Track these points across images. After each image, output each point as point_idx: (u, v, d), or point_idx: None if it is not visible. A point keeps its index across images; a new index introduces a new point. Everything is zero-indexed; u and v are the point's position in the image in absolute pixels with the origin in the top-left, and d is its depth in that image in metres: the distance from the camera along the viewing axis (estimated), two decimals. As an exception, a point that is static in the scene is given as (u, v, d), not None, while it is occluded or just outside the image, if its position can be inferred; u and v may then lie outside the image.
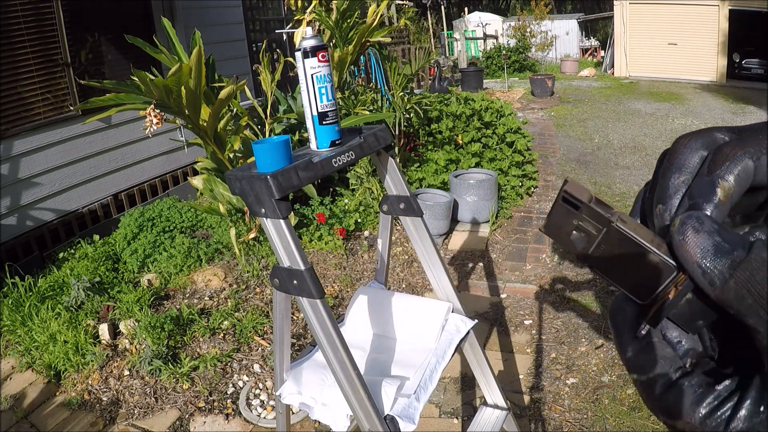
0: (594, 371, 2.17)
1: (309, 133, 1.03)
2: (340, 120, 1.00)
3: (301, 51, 1.00)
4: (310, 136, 1.03)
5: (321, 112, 1.01)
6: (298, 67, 1.02)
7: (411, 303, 1.24)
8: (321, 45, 1.01)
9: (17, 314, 2.62)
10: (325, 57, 1.01)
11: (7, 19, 3.19)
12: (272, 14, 6.14)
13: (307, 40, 1.00)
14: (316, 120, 1.02)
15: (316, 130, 1.02)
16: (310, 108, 1.01)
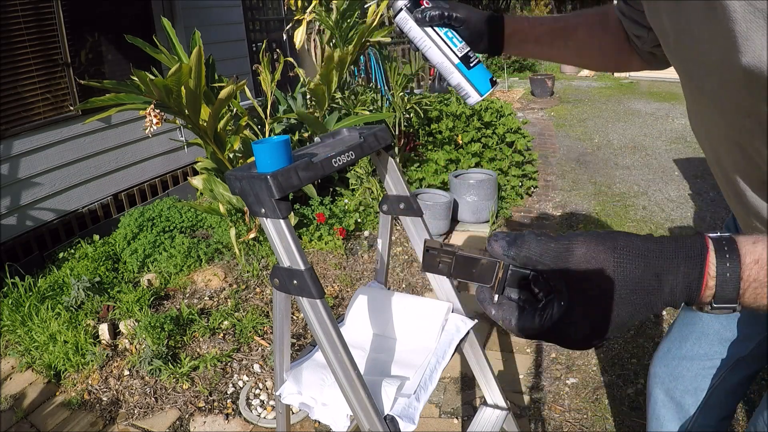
0: (594, 371, 2.17)
1: (460, 87, 0.92)
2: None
3: (403, 8, 0.89)
4: (464, 89, 0.92)
5: (462, 55, 0.91)
6: (405, 27, 0.91)
7: (411, 303, 1.24)
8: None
9: (17, 314, 2.62)
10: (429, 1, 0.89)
11: (7, 19, 3.19)
12: (272, 14, 6.14)
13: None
14: (462, 67, 0.91)
15: (469, 76, 0.92)
16: (448, 58, 0.91)
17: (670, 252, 0.47)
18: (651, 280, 0.47)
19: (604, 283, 0.47)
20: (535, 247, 0.49)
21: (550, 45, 0.93)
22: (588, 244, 0.48)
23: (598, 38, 0.93)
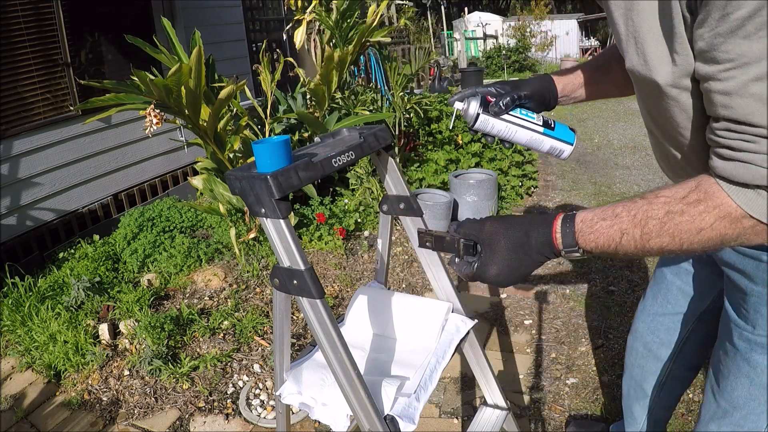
0: (594, 371, 2.17)
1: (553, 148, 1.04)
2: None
3: (480, 112, 1.02)
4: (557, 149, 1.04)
5: (542, 123, 1.03)
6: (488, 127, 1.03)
7: (411, 303, 1.24)
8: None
9: (17, 314, 2.62)
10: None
11: (7, 19, 3.19)
12: (272, 14, 6.15)
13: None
14: (548, 132, 1.03)
15: (557, 135, 1.03)
16: (534, 131, 1.02)
17: (536, 222, 0.77)
18: (523, 236, 0.77)
19: (499, 242, 0.78)
20: (468, 226, 0.82)
21: (594, 86, 1.09)
22: (491, 221, 0.81)
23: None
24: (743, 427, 1.02)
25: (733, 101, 0.62)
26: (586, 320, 2.52)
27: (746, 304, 0.94)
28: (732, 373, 1.00)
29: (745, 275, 0.92)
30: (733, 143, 0.64)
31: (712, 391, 1.07)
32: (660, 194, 0.69)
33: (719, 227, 0.66)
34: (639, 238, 0.69)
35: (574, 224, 0.73)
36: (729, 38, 0.58)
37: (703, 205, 0.66)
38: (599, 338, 2.37)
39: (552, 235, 0.75)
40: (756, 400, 0.98)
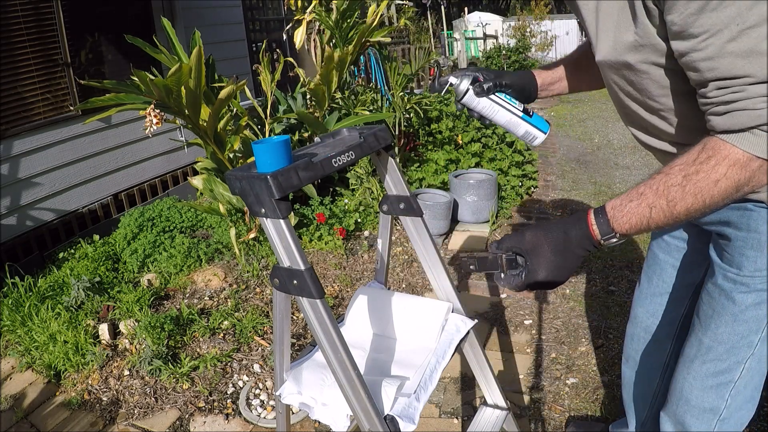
0: (594, 371, 2.17)
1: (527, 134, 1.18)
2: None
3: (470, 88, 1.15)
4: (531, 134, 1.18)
5: (522, 109, 1.17)
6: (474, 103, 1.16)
7: (411, 303, 1.24)
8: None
9: (17, 314, 2.62)
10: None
11: (7, 19, 3.19)
12: (272, 14, 6.15)
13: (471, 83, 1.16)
14: (526, 117, 1.17)
15: (533, 122, 1.17)
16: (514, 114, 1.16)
17: (571, 221, 0.86)
18: (563, 236, 0.86)
19: (542, 246, 0.86)
20: (509, 240, 0.90)
21: (572, 79, 1.22)
22: (531, 230, 0.88)
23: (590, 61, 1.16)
24: (725, 361, 1.09)
25: (716, 63, 0.73)
26: (586, 320, 2.52)
27: (730, 248, 1.02)
28: (716, 311, 1.07)
29: (730, 224, 1.01)
30: (725, 98, 0.74)
31: (696, 330, 1.14)
32: (674, 165, 0.78)
33: (732, 174, 0.75)
34: (666, 207, 0.78)
35: (606, 213, 0.83)
36: (699, 15, 0.71)
37: (714, 160, 0.75)
38: (599, 338, 2.37)
39: (589, 228, 0.84)
40: (739, 335, 1.06)
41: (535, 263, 0.86)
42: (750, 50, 0.70)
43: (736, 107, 0.74)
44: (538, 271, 0.86)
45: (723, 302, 1.06)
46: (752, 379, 1.12)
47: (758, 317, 1.04)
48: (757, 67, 0.71)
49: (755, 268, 0.99)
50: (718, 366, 1.12)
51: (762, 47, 0.70)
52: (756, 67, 0.71)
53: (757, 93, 0.72)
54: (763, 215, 0.95)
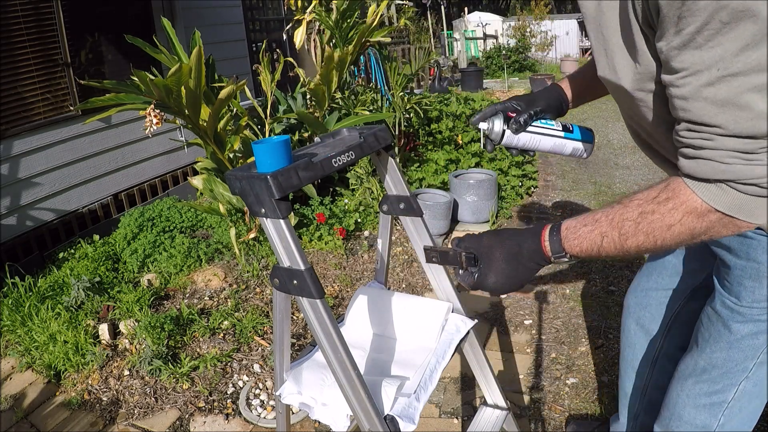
0: (594, 371, 2.17)
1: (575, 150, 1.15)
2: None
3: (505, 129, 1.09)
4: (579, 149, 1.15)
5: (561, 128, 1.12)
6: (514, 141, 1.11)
7: (411, 303, 1.24)
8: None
9: (17, 314, 2.62)
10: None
11: (7, 19, 3.19)
12: (272, 14, 6.15)
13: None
14: (568, 135, 1.13)
15: (576, 137, 1.13)
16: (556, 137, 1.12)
17: (527, 234, 0.87)
18: (516, 247, 0.87)
19: (495, 253, 0.88)
20: (468, 240, 0.92)
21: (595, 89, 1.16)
22: (488, 235, 0.90)
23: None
24: (719, 383, 1.09)
25: (689, 104, 0.69)
26: (586, 320, 2.52)
27: (730, 276, 1.00)
28: (713, 336, 1.06)
29: (730, 251, 0.98)
30: (693, 142, 0.71)
31: (692, 350, 1.13)
32: (634, 198, 0.77)
33: (687, 222, 0.73)
34: (617, 240, 0.77)
35: (560, 232, 0.83)
36: (683, 50, 0.66)
37: (671, 203, 0.73)
38: (599, 338, 2.37)
39: (541, 244, 0.84)
40: (734, 361, 1.05)
41: (487, 267, 0.88)
42: (726, 100, 0.66)
43: (703, 155, 0.71)
44: (489, 275, 0.88)
45: (720, 329, 1.05)
46: (749, 402, 1.11)
47: (755, 346, 1.02)
48: (731, 120, 0.66)
49: (753, 299, 0.97)
50: (711, 387, 1.11)
51: (741, 99, 0.65)
52: (729, 119, 0.66)
53: (726, 146, 0.68)
54: (763, 244, 0.92)
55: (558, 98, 1.14)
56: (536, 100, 1.12)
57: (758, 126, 0.65)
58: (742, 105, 0.65)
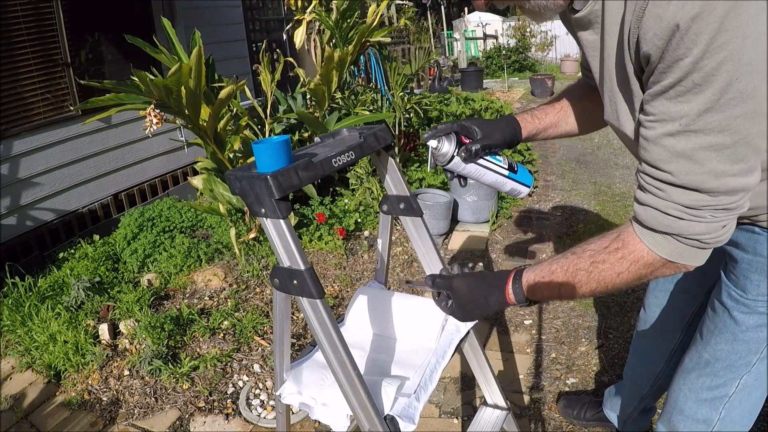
0: (594, 371, 2.17)
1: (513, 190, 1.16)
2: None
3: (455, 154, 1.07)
4: (516, 190, 1.16)
5: (507, 166, 1.13)
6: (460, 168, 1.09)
7: (411, 303, 1.24)
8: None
9: (17, 314, 2.62)
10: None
11: (7, 19, 3.19)
12: (272, 14, 6.15)
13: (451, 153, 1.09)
14: (511, 175, 1.14)
15: (517, 178, 1.14)
16: (500, 174, 1.13)
17: (492, 285, 0.94)
18: (482, 299, 0.95)
19: (463, 299, 0.97)
20: (440, 283, 1.00)
21: (556, 128, 1.18)
22: (458, 280, 0.98)
23: (590, 105, 1.16)
24: (722, 377, 1.11)
25: (650, 146, 0.75)
26: (586, 320, 2.52)
27: (736, 270, 1.03)
28: (718, 328, 1.09)
29: (738, 246, 1.02)
30: (646, 185, 0.78)
31: (696, 344, 1.16)
32: (587, 248, 0.85)
33: (634, 269, 0.80)
34: (573, 288, 0.85)
35: (521, 284, 0.91)
36: (656, 98, 0.72)
37: (620, 253, 0.81)
38: (599, 338, 2.37)
39: (506, 297, 0.92)
40: (737, 354, 1.08)
41: (457, 307, 0.98)
42: (682, 152, 0.71)
43: (651, 204, 0.77)
44: (458, 313, 0.99)
45: (725, 320, 1.07)
46: (749, 396, 1.13)
47: (758, 339, 1.05)
48: (682, 170, 0.72)
49: (758, 292, 1.00)
50: (714, 381, 1.13)
51: (695, 155, 0.70)
52: (680, 169, 0.72)
53: (673, 197, 0.74)
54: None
55: (513, 133, 1.13)
56: (492, 131, 1.09)
57: (705, 181, 0.71)
58: (695, 159, 0.71)
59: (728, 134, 0.68)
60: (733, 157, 0.70)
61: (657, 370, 1.50)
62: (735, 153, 0.70)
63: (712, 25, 0.62)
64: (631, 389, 1.61)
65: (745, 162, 0.71)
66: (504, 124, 1.12)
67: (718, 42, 0.63)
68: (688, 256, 0.78)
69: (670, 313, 1.40)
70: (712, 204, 0.73)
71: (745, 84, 0.65)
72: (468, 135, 1.08)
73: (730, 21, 0.62)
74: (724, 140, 0.69)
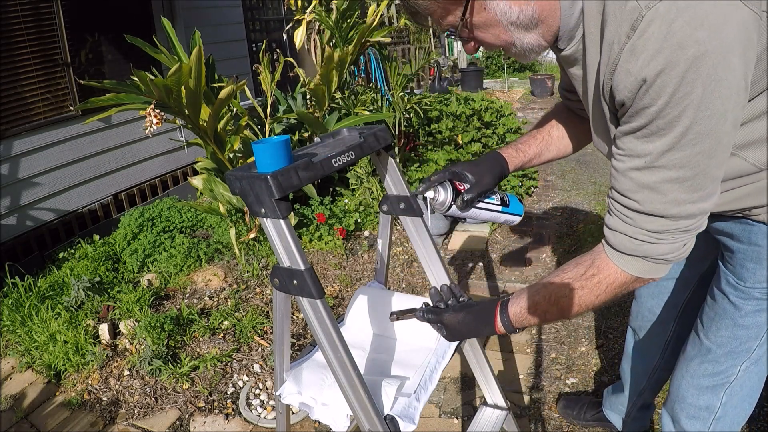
0: (594, 371, 2.17)
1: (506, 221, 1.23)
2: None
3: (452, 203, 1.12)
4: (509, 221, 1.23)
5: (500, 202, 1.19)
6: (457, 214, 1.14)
7: (411, 303, 1.24)
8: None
9: (17, 314, 2.62)
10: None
11: (7, 19, 3.19)
12: (272, 14, 6.15)
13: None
14: (504, 209, 1.20)
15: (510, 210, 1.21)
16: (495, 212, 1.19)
17: (480, 321, 1.01)
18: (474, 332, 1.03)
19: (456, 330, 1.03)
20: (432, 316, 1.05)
21: (539, 157, 1.25)
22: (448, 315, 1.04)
23: (571, 127, 1.23)
24: (723, 364, 1.16)
25: (619, 177, 0.83)
26: (586, 320, 2.52)
27: (733, 260, 1.08)
28: (718, 314, 1.14)
29: (733, 237, 1.07)
30: (615, 211, 0.86)
31: (697, 332, 1.20)
32: (566, 277, 0.93)
33: (611, 290, 0.91)
34: (557, 312, 0.94)
35: (509, 315, 0.98)
36: (626, 136, 0.80)
37: (597, 278, 0.90)
38: (599, 338, 2.37)
39: (495, 328, 1.00)
40: (738, 340, 1.12)
41: (449, 336, 1.05)
42: (646, 184, 0.80)
43: (620, 230, 0.85)
44: (449, 336, 1.05)
45: (725, 306, 1.11)
46: (749, 380, 1.17)
47: (758, 324, 1.09)
48: (647, 199, 0.80)
49: (755, 279, 1.05)
50: (715, 367, 1.17)
51: (659, 187, 0.79)
52: (645, 199, 0.81)
53: (639, 224, 0.83)
54: (764, 230, 1.01)
55: (501, 171, 1.19)
56: (483, 174, 1.14)
57: (668, 209, 0.80)
58: (658, 190, 0.79)
59: (688, 169, 0.77)
60: (693, 188, 0.79)
61: (653, 362, 1.52)
62: (694, 184, 0.78)
63: (674, 79, 0.70)
64: (629, 385, 1.63)
65: (704, 190, 0.79)
66: (492, 164, 1.18)
67: (680, 93, 0.71)
68: (655, 271, 0.88)
69: (662, 301, 1.43)
70: (674, 228, 0.82)
71: (703, 126, 0.73)
72: (461, 180, 1.14)
73: (691, 74, 0.70)
74: (685, 174, 0.77)
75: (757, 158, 0.90)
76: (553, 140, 1.24)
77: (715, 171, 0.78)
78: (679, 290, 1.39)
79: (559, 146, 1.24)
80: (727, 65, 0.70)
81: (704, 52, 0.69)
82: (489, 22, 0.85)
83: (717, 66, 0.70)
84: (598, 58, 0.81)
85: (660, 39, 0.70)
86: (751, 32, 0.72)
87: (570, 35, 0.87)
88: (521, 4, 0.83)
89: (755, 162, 0.90)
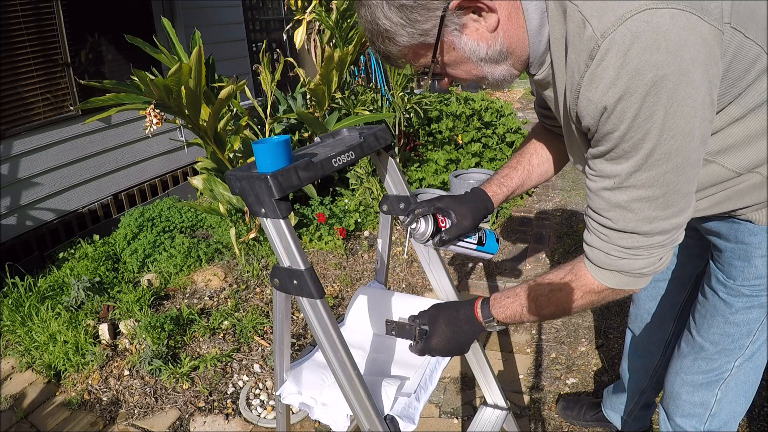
0: (594, 371, 2.17)
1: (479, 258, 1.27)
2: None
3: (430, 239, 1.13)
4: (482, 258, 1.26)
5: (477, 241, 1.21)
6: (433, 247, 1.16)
7: (411, 303, 1.24)
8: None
9: (17, 314, 2.62)
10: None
11: (7, 19, 3.19)
12: (272, 14, 6.15)
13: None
14: (480, 248, 1.22)
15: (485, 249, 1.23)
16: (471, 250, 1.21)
17: (463, 303, 1.05)
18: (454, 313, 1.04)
19: (439, 318, 1.04)
20: (422, 315, 1.07)
21: (522, 188, 1.27)
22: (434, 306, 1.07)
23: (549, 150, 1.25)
24: (717, 361, 1.17)
25: (592, 196, 0.86)
26: (586, 320, 2.52)
27: (722, 258, 1.10)
28: (709, 312, 1.15)
29: (720, 236, 1.09)
30: (591, 228, 0.89)
31: (690, 329, 1.22)
32: (546, 278, 0.96)
33: (587, 297, 0.92)
34: (534, 310, 0.96)
35: (489, 302, 1.01)
36: (596, 158, 0.83)
37: (574, 284, 0.93)
38: (599, 338, 2.37)
39: (474, 311, 1.02)
40: (730, 337, 1.13)
41: (432, 330, 1.04)
42: (617, 204, 0.82)
43: (597, 246, 0.88)
44: (432, 337, 1.03)
45: (716, 303, 1.13)
46: (744, 376, 1.18)
47: (749, 320, 1.10)
48: (619, 217, 0.83)
49: (744, 277, 1.07)
50: (709, 365, 1.18)
51: (629, 205, 0.81)
52: (618, 217, 0.83)
53: (613, 241, 0.85)
54: (750, 228, 1.02)
55: (485, 209, 1.20)
56: (465, 215, 1.15)
57: (640, 226, 0.82)
58: (630, 209, 0.81)
59: (657, 188, 0.78)
60: (663, 205, 0.80)
61: (654, 361, 1.53)
62: (665, 201, 0.80)
63: (634, 104, 0.72)
64: (631, 384, 1.63)
65: (675, 206, 0.81)
66: (476, 204, 1.19)
67: (642, 118, 0.72)
68: (632, 283, 0.89)
69: (661, 302, 1.44)
70: (648, 243, 0.84)
71: (669, 146, 0.74)
72: (445, 216, 1.15)
73: (651, 98, 0.71)
74: (654, 193, 0.79)
75: (734, 163, 0.91)
76: (533, 168, 1.26)
77: (686, 186, 0.80)
78: (676, 290, 1.40)
79: (540, 172, 1.27)
80: (688, 85, 0.70)
81: (662, 76, 0.69)
82: (459, 60, 0.88)
83: (678, 87, 0.70)
84: (564, 84, 0.83)
85: (617, 67, 0.71)
86: (713, 48, 0.72)
87: (540, 60, 0.88)
88: (489, 40, 0.84)
89: (732, 167, 0.91)
